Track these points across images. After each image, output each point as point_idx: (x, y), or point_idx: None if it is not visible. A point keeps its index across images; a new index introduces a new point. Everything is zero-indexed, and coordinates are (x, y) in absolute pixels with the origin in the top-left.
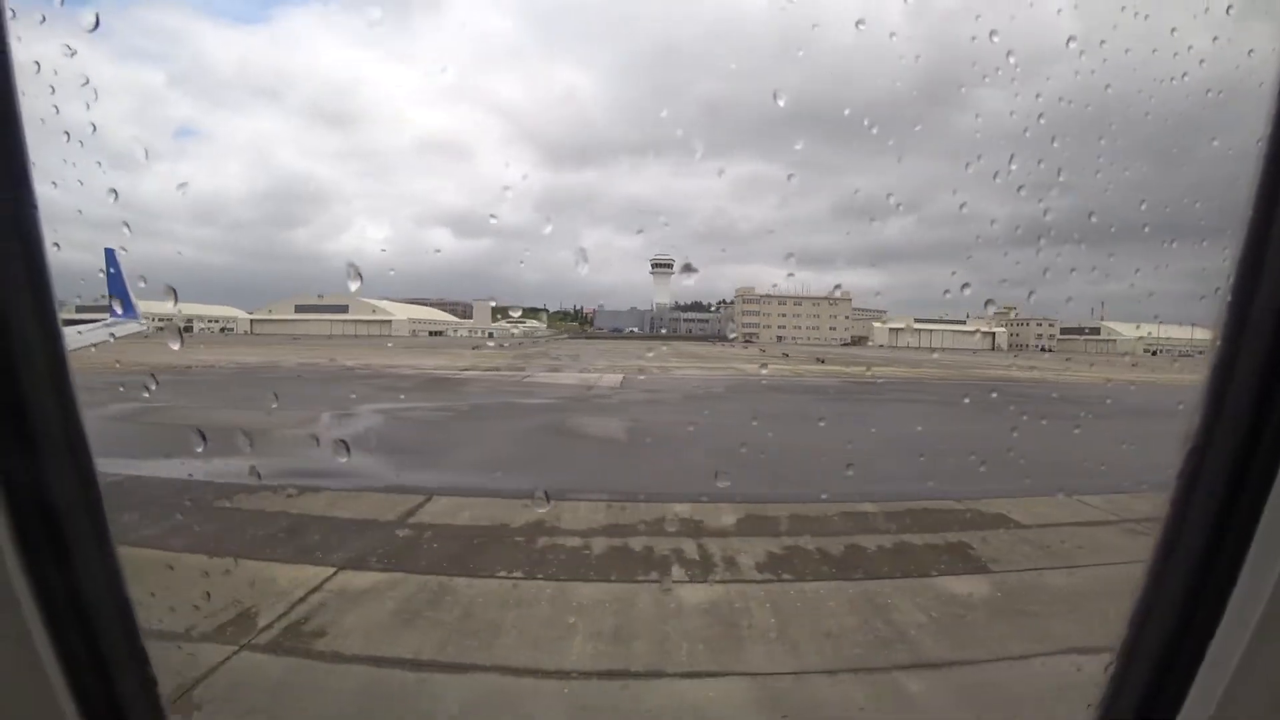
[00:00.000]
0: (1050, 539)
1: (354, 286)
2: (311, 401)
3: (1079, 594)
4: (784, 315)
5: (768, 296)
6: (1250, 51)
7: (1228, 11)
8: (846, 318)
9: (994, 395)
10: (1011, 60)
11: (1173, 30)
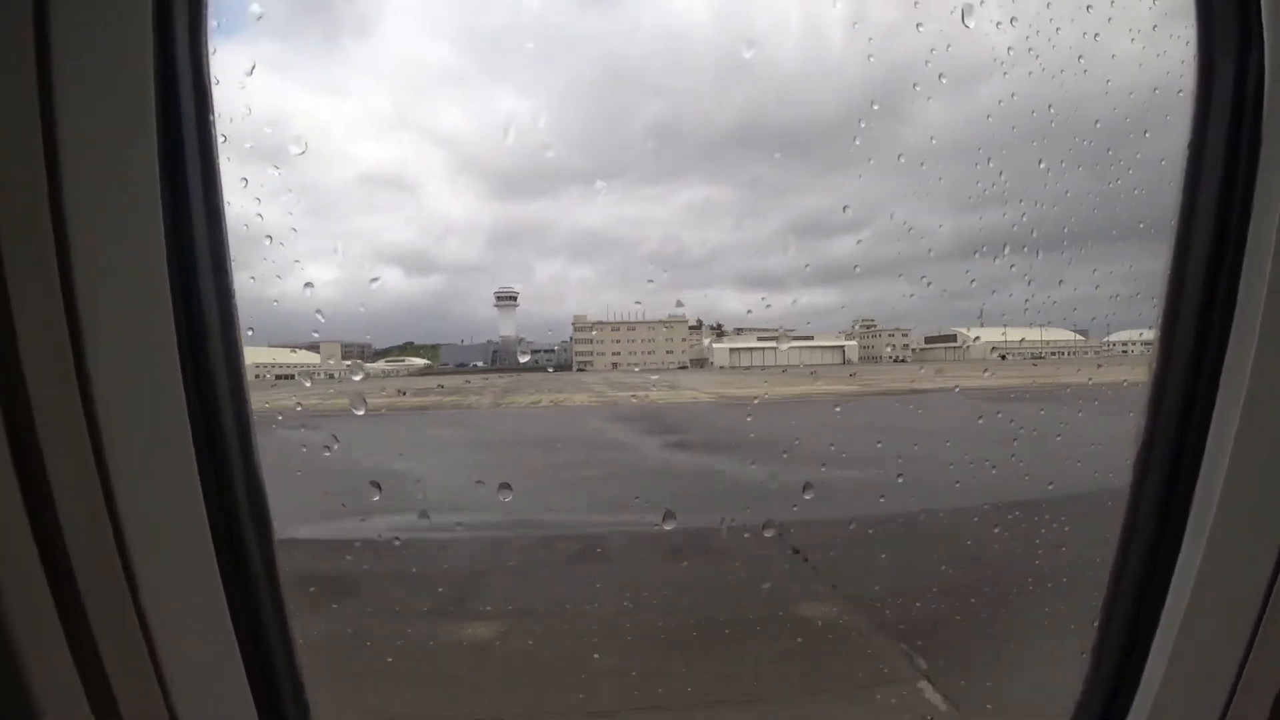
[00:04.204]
0: None
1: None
2: None
3: None
4: (618, 341)
5: (600, 323)
6: (1183, 61)
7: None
8: (684, 340)
9: None
10: (950, 74)
11: (1096, 35)
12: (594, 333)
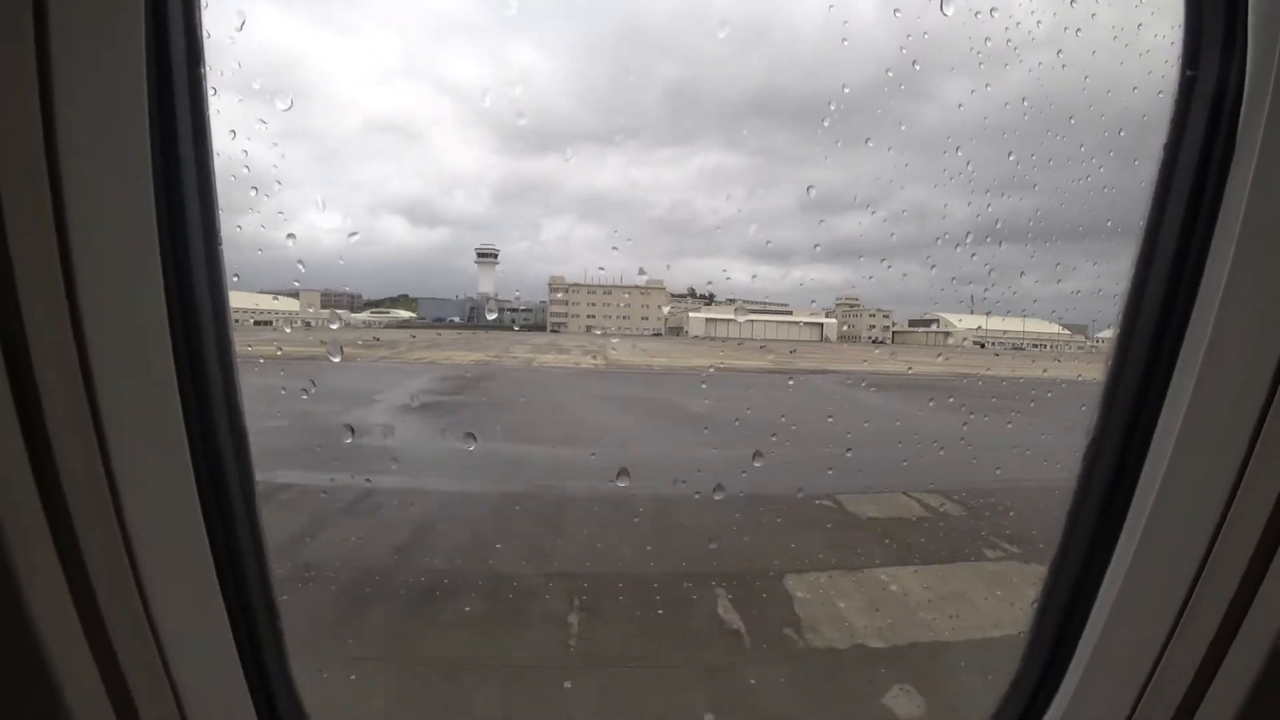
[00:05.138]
0: None
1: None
2: None
3: None
4: (593, 305)
5: (576, 285)
6: (1166, 61)
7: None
8: (660, 307)
9: None
10: (978, 52)
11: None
12: (570, 294)
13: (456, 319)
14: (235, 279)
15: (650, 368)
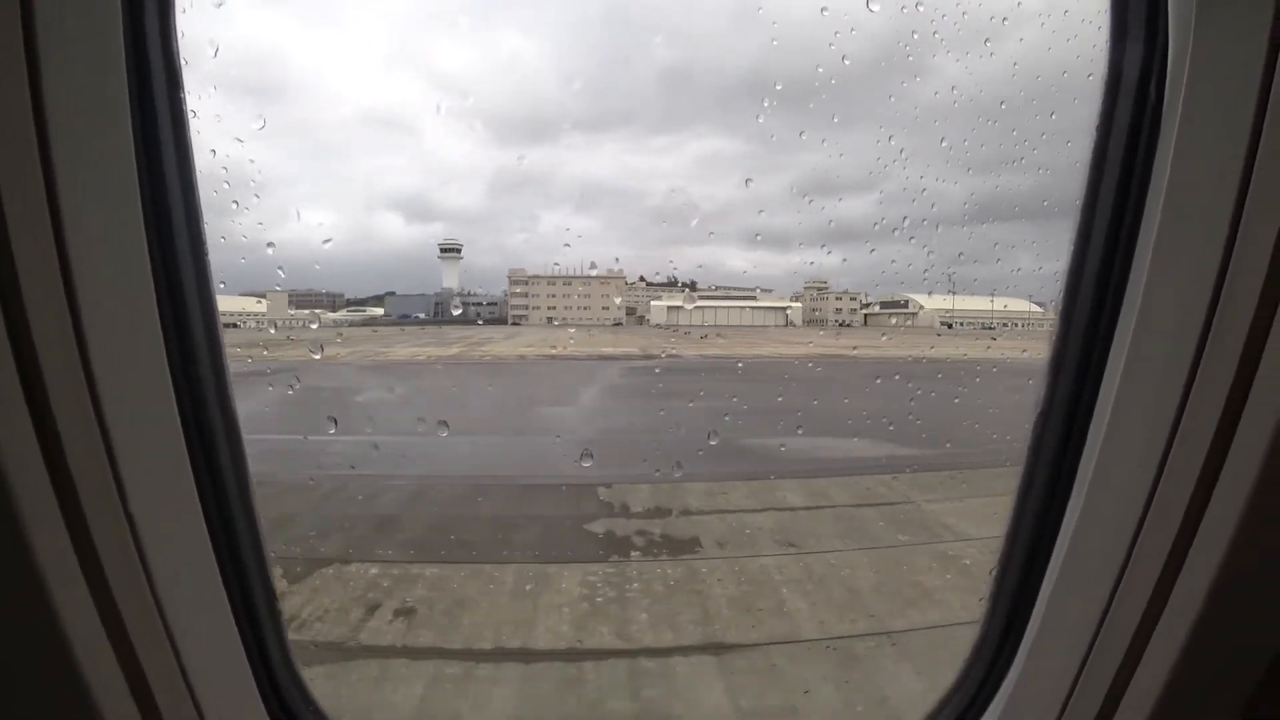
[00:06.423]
0: None
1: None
2: None
3: None
4: (553, 296)
5: (536, 277)
6: (1095, 46)
7: None
8: (620, 296)
9: None
10: (969, 28)
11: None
12: (530, 287)
13: (422, 315)
14: (222, 285)
15: (500, 358)
